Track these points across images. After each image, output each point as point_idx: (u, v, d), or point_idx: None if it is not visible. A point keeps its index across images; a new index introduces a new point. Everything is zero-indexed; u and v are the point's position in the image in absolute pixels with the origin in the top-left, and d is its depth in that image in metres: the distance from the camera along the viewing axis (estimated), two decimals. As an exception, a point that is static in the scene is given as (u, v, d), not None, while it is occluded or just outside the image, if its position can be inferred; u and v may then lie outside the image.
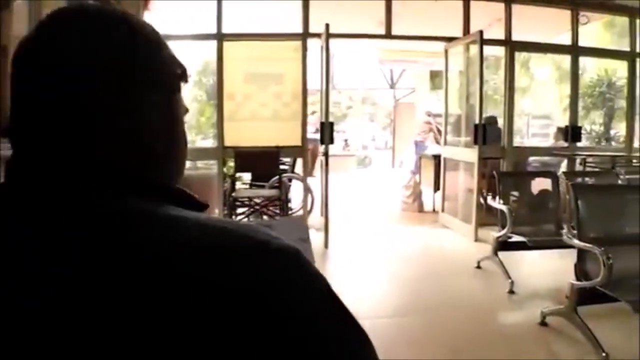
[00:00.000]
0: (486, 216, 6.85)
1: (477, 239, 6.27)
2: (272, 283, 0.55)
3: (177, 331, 0.51)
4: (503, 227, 4.58)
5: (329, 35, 5.89)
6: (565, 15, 7.58)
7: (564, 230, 4.76)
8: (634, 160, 7.96)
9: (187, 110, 0.72)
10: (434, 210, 8.35)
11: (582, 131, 10.36)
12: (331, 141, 5.78)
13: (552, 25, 8.09)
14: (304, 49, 6.58)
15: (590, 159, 7.58)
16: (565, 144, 9.25)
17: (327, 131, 5.71)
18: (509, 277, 4.44)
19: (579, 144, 7.73)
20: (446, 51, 7.17)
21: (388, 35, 6.86)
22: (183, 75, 0.70)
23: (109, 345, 0.51)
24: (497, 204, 4.64)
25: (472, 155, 6.34)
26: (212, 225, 0.58)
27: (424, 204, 8.47)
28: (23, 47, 0.62)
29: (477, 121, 6.17)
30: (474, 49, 6.52)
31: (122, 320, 0.51)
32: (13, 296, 0.53)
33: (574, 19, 7.58)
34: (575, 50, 7.56)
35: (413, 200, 8.36)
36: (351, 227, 7.17)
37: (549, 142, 14.47)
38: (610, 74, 11.04)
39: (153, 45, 0.66)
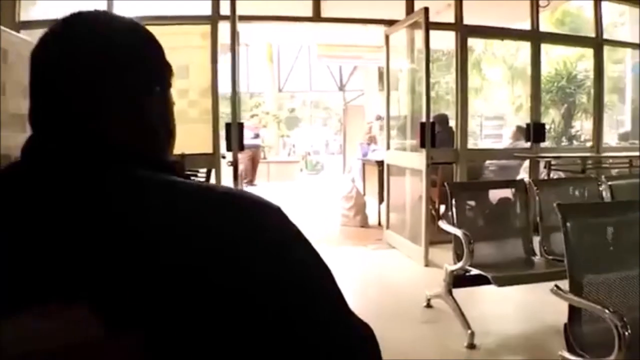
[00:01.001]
0: (438, 232, 5.80)
1: (427, 264, 5.14)
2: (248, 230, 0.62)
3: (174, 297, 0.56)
4: (458, 258, 3.42)
5: (235, 17, 4.64)
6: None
7: (538, 257, 3.69)
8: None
9: (174, 103, 0.81)
10: (379, 224, 7.21)
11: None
12: (241, 147, 4.51)
13: (509, 13, 7.10)
14: (214, 34, 5.35)
15: (555, 161, 6.55)
16: (526, 145, 8.31)
17: (234, 135, 4.43)
18: (469, 327, 3.27)
19: (542, 145, 6.69)
20: (387, 37, 6.03)
21: (316, 17, 5.67)
22: (172, 72, 0.79)
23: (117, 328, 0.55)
24: (449, 226, 3.48)
25: (419, 160, 5.18)
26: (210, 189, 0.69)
27: (368, 217, 7.29)
28: (43, 42, 0.70)
29: (423, 119, 5.03)
30: (420, 34, 5.41)
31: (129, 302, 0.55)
32: (22, 274, 0.57)
33: (534, 1, 6.58)
34: (535, 37, 6.55)
35: (355, 214, 7.19)
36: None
37: (504, 143, 13.72)
38: (569, 67, 10.18)
39: (153, 44, 0.77)
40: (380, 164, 7.02)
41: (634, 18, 8.29)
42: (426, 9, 4.97)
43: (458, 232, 3.34)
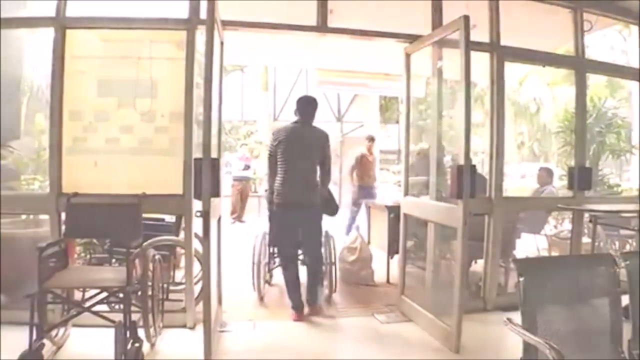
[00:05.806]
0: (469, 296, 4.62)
1: (458, 350, 3.90)
2: None
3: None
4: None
5: (213, 21, 3.50)
6: (563, 22, 5.52)
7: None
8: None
9: None
10: (387, 281, 5.99)
11: (561, 173, 8.34)
12: (216, 193, 3.30)
13: (546, 37, 6.03)
14: (191, 43, 4.21)
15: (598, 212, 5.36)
16: (553, 188, 7.21)
17: (206, 175, 3.22)
18: None
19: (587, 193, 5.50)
20: (407, 56, 4.87)
21: (321, 27, 4.53)
22: None
23: None
24: (528, 335, 2.24)
25: (451, 214, 3.96)
26: None
27: (375, 272, 6.05)
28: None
29: (462, 161, 3.84)
30: (450, 53, 4.30)
31: None
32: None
33: (578, 22, 5.50)
34: (581, 64, 5.44)
35: (360, 269, 5.94)
36: (255, 324, 4.64)
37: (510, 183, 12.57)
38: (597, 104, 9.08)
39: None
40: (391, 210, 5.84)
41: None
42: (466, 19, 3.84)
43: (542, 345, 2.11)
